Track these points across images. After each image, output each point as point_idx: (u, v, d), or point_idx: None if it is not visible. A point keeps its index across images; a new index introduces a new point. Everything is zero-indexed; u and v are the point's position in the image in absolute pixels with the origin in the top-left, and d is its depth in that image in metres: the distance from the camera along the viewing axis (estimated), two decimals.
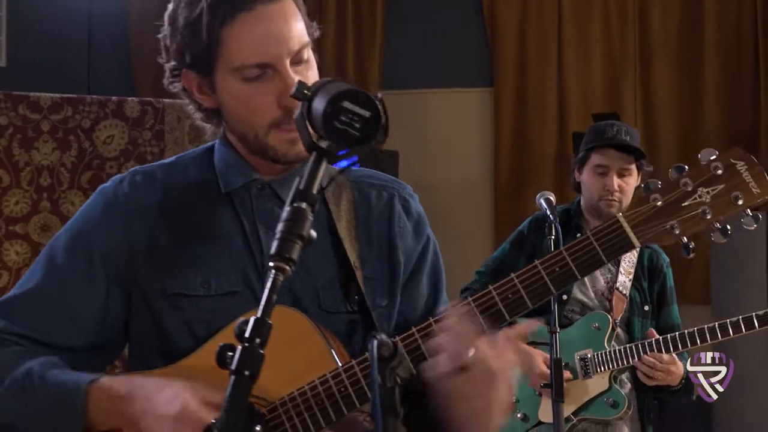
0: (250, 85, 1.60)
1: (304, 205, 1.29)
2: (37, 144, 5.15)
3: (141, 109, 5.39)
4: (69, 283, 1.68)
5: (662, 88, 6.37)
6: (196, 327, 1.65)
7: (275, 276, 1.25)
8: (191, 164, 1.78)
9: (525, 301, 1.54)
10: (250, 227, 1.70)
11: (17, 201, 5.11)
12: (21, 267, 5.09)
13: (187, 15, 1.61)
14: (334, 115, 1.30)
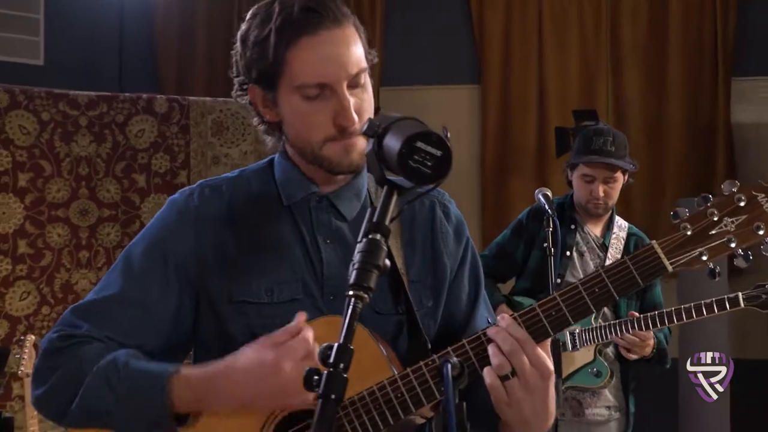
0: (309, 103, 1.58)
1: (379, 237, 1.28)
2: (75, 137, 5.21)
3: (168, 106, 5.44)
4: (146, 289, 1.64)
5: (631, 87, 6.41)
6: (258, 332, 1.59)
7: (354, 303, 1.24)
8: (253, 178, 1.75)
9: (567, 318, 1.51)
10: (310, 238, 1.67)
11: (59, 188, 5.17)
12: (62, 248, 5.15)
13: (257, 35, 1.59)
14: (409, 154, 1.29)
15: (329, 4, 1.57)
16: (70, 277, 5.19)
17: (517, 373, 1.44)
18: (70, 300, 5.15)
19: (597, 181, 3.40)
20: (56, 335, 1.62)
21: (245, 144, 5.59)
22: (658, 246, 1.52)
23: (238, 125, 5.58)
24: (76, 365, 1.57)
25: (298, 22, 1.54)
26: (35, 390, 1.62)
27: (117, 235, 5.29)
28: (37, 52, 6.54)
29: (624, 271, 1.52)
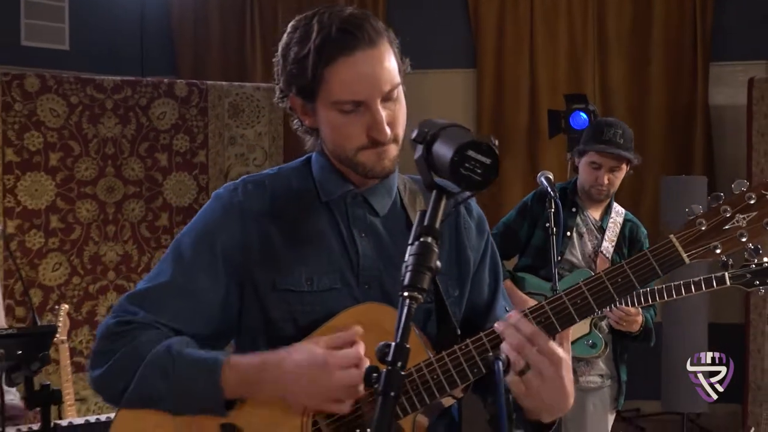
0: (345, 116, 1.56)
1: (430, 240, 1.27)
2: (102, 119, 5.23)
3: (188, 90, 5.46)
4: (196, 278, 1.62)
5: (616, 73, 6.46)
6: (299, 317, 1.60)
7: (409, 304, 1.23)
8: (293, 175, 1.72)
9: (592, 306, 1.51)
10: (347, 232, 1.65)
11: (87, 167, 5.20)
12: (91, 222, 5.19)
13: (296, 52, 1.56)
14: (461, 162, 1.26)
15: (365, 25, 1.54)
16: (98, 250, 5.23)
17: (531, 366, 1.42)
18: (98, 271, 5.21)
19: (603, 168, 3.41)
20: (114, 321, 1.60)
21: (259, 125, 5.63)
22: (675, 239, 1.53)
23: (253, 108, 5.60)
24: (132, 351, 1.56)
25: (335, 43, 1.52)
26: (93, 371, 1.60)
27: (141, 211, 5.33)
28: (63, 37, 6.55)
29: (645, 262, 1.52)
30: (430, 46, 6.63)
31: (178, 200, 5.42)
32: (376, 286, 1.64)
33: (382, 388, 1.16)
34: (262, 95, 5.64)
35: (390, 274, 1.65)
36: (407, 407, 1.53)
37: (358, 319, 1.58)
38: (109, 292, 5.25)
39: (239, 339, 1.70)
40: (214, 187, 5.42)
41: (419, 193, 1.75)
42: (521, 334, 1.44)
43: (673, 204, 5.48)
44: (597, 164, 3.43)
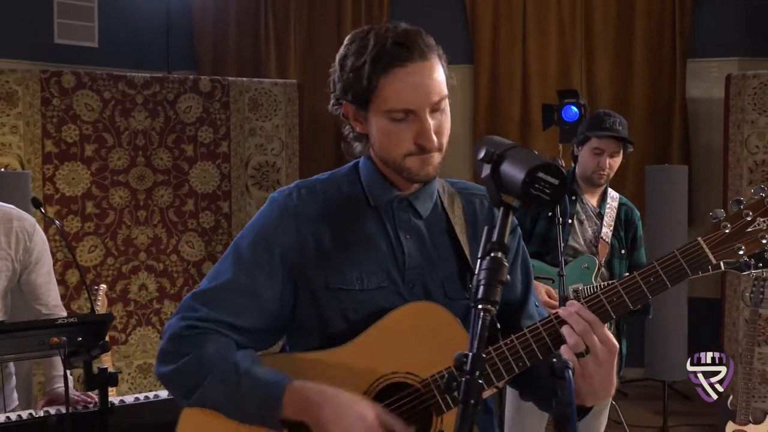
0: (395, 124, 1.55)
1: (500, 255, 1.24)
2: (133, 113, 5.19)
3: (212, 86, 5.41)
4: (255, 276, 1.61)
5: (602, 68, 6.41)
6: (349, 314, 1.60)
7: (483, 316, 1.20)
8: (342, 180, 1.70)
9: (627, 304, 1.52)
10: (393, 234, 1.65)
11: (119, 157, 5.16)
12: (123, 208, 5.15)
13: (353, 62, 1.55)
14: (531, 183, 1.24)
15: (417, 40, 1.54)
16: (130, 233, 5.20)
17: (590, 350, 1.43)
18: (130, 252, 5.18)
19: (605, 154, 3.40)
20: (183, 324, 1.59)
21: (277, 118, 5.58)
22: (703, 242, 1.53)
23: (271, 102, 5.55)
24: (199, 361, 1.56)
25: (390, 55, 1.51)
26: (161, 367, 1.60)
27: (169, 197, 5.29)
28: (92, 35, 6.47)
29: (675, 263, 1.52)
30: None
31: (203, 187, 5.38)
32: (419, 284, 1.64)
33: (462, 397, 1.14)
34: (279, 90, 5.58)
35: (431, 273, 1.65)
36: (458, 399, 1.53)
37: (408, 318, 1.57)
38: (140, 272, 5.23)
39: (292, 332, 1.69)
40: (236, 176, 5.41)
41: (456, 195, 1.74)
42: (585, 321, 1.45)
43: (656, 191, 5.47)
44: (600, 150, 3.41)
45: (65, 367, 2.26)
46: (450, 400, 1.54)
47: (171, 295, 5.30)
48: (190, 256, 5.35)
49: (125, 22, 6.50)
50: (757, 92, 5.19)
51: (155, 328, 5.27)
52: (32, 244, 2.66)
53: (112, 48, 6.45)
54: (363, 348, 1.57)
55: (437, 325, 1.57)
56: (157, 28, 6.43)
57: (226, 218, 5.44)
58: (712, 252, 1.52)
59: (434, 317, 1.57)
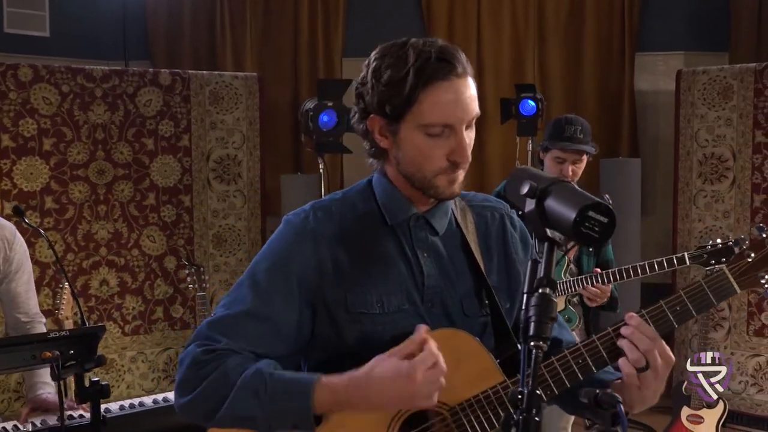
0: (431, 139, 1.52)
1: (548, 290, 1.22)
2: (92, 106, 5.06)
3: (172, 79, 5.30)
4: (273, 303, 1.57)
5: (554, 61, 6.47)
6: (369, 336, 1.58)
7: (536, 353, 1.18)
8: (357, 198, 1.67)
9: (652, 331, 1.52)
10: (411, 253, 1.62)
11: (78, 151, 5.03)
12: (83, 203, 5.03)
13: (391, 74, 1.51)
14: (582, 222, 1.22)
15: (459, 57, 1.53)
16: (90, 228, 5.07)
17: (651, 366, 1.45)
18: (91, 247, 5.05)
19: (567, 162, 3.42)
20: (200, 350, 1.55)
21: (237, 111, 5.49)
22: (728, 271, 1.55)
23: (232, 95, 5.46)
24: (222, 376, 1.52)
25: (434, 68, 1.49)
26: (180, 398, 1.56)
27: (130, 191, 5.18)
28: (43, 25, 6.26)
29: (701, 292, 1.54)
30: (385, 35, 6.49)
31: (164, 181, 5.27)
32: (438, 303, 1.62)
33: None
34: (240, 83, 5.49)
35: (450, 291, 1.63)
36: (486, 426, 1.53)
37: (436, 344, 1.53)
38: (101, 267, 5.11)
39: (312, 355, 1.65)
40: (198, 169, 5.32)
41: (468, 209, 1.72)
42: (647, 338, 1.47)
43: (610, 184, 5.56)
44: (561, 159, 3.44)
45: (57, 380, 2.21)
46: (479, 429, 1.53)
47: (132, 290, 5.20)
48: (151, 250, 5.24)
49: (77, 11, 6.30)
50: (707, 87, 5.31)
51: (117, 323, 5.16)
52: (12, 253, 2.59)
53: (64, 38, 6.25)
54: None
55: (464, 352, 1.55)
56: (111, 17, 6.24)
57: (188, 212, 5.34)
58: (737, 281, 1.55)
59: (461, 344, 1.56)
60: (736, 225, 5.18)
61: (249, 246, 5.54)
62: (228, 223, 5.47)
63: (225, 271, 5.48)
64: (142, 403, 2.59)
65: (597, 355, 1.51)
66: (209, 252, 5.43)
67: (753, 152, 5.12)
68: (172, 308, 5.33)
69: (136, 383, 5.22)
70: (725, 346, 5.25)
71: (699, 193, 5.33)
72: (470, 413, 1.53)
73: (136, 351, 5.23)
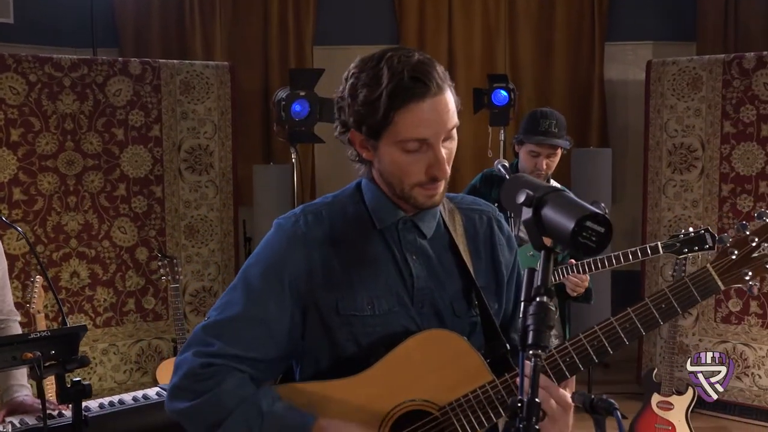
0: (408, 154, 1.53)
1: (546, 299, 1.23)
2: (60, 96, 4.99)
3: (142, 68, 5.24)
4: (266, 307, 1.59)
5: (524, 51, 6.48)
6: (360, 338, 1.60)
7: (536, 361, 1.19)
8: (347, 202, 1.68)
9: (639, 330, 1.55)
10: (400, 256, 1.63)
11: (47, 142, 4.96)
12: (53, 194, 4.96)
13: (367, 94, 1.51)
14: (579, 232, 1.22)
15: (433, 73, 1.52)
16: (60, 219, 5.00)
17: (547, 413, 1.43)
18: (61, 239, 4.99)
19: (542, 156, 3.45)
20: (198, 362, 1.57)
21: (209, 101, 5.44)
22: (711, 268, 1.57)
23: (203, 85, 5.41)
24: (217, 399, 1.54)
25: (407, 90, 1.49)
26: (173, 403, 1.58)
27: (100, 182, 5.11)
28: (7, 11, 6.12)
29: (685, 290, 1.55)
30: (356, 23, 6.53)
31: (135, 172, 5.21)
32: (429, 305, 1.64)
33: None
34: (211, 73, 5.44)
35: (440, 292, 1.65)
36: (475, 425, 1.55)
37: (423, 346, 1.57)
38: (72, 259, 5.05)
39: (303, 356, 1.67)
40: (169, 159, 5.27)
41: (456, 211, 1.74)
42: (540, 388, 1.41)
43: (582, 174, 5.61)
44: (536, 152, 3.47)
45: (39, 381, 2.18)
46: (469, 428, 1.55)
47: (104, 281, 5.14)
48: (122, 241, 5.19)
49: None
50: (676, 78, 5.36)
51: (88, 315, 5.11)
52: None
53: (29, 24, 6.11)
54: (379, 376, 1.57)
55: (453, 353, 1.57)
56: (77, 3, 6.09)
57: (159, 203, 5.29)
58: (721, 278, 1.56)
59: (450, 345, 1.58)
60: (705, 214, 5.26)
61: (221, 236, 5.51)
62: (200, 213, 5.43)
63: (197, 262, 5.44)
64: (122, 401, 2.55)
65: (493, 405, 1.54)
66: (181, 243, 5.38)
67: (721, 142, 5.19)
68: (144, 300, 5.29)
69: (108, 375, 5.18)
70: (693, 332, 5.33)
71: (668, 182, 5.40)
72: (459, 413, 1.55)
73: (108, 343, 5.18)
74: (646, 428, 4.38)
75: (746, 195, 5.11)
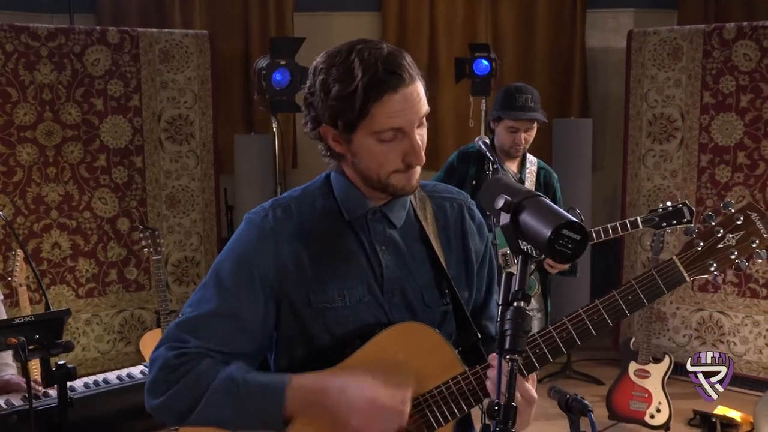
0: (384, 144, 1.56)
1: (523, 304, 1.25)
2: (38, 66, 4.93)
3: (120, 37, 5.18)
4: (238, 302, 1.61)
5: (506, 20, 6.42)
6: (333, 328, 1.62)
7: (512, 365, 1.21)
8: (317, 195, 1.70)
9: (607, 321, 1.57)
10: (370, 247, 1.66)
11: (25, 112, 4.91)
12: (32, 165, 4.92)
13: (340, 89, 1.52)
14: (556, 240, 1.24)
15: (404, 64, 1.54)
16: (40, 191, 4.98)
17: None
18: (41, 210, 4.96)
19: (520, 131, 3.46)
20: (172, 354, 1.58)
21: (189, 70, 5.39)
22: (677, 260, 1.59)
23: (183, 54, 5.35)
24: (194, 379, 1.56)
25: (382, 82, 1.51)
26: (152, 400, 1.60)
27: (80, 153, 5.07)
28: None
29: (652, 281, 1.58)
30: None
31: (115, 142, 5.18)
32: (399, 294, 1.67)
33: None
34: (191, 41, 5.38)
35: (410, 282, 1.68)
36: (447, 415, 1.60)
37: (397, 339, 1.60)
38: (53, 230, 5.02)
39: (277, 347, 1.70)
40: (149, 129, 5.23)
41: (427, 199, 1.76)
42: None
43: (563, 145, 5.62)
44: (514, 128, 3.49)
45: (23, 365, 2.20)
46: (441, 419, 1.59)
47: (85, 252, 5.13)
48: (103, 212, 5.16)
49: None
50: (657, 48, 5.36)
51: (70, 286, 5.10)
52: None
53: None
54: (354, 368, 1.58)
55: (426, 345, 1.61)
56: None
57: (140, 173, 5.26)
58: (686, 270, 1.59)
59: (423, 337, 1.61)
60: (683, 184, 5.30)
61: (203, 206, 5.49)
62: (181, 183, 5.41)
63: (179, 232, 5.43)
64: (107, 380, 2.57)
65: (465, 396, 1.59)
66: (162, 213, 5.37)
67: (701, 113, 5.21)
68: (126, 270, 5.28)
69: (91, 345, 5.19)
70: (671, 301, 5.41)
71: (648, 152, 5.43)
72: (432, 404, 1.59)
73: (91, 314, 5.18)
74: (623, 396, 4.45)
75: (724, 165, 5.15)
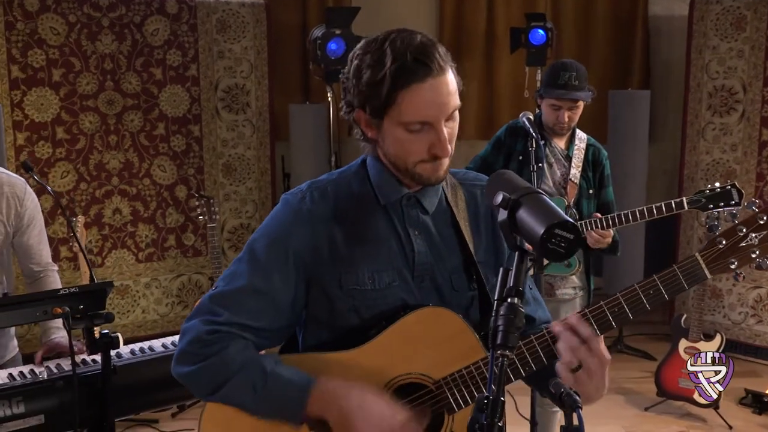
0: (411, 134, 1.57)
1: (517, 300, 1.26)
2: (99, 36, 5.05)
3: (179, 7, 5.27)
4: (271, 279, 1.64)
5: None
6: (362, 310, 1.65)
7: (502, 361, 1.22)
8: (352, 179, 1.72)
9: (627, 314, 1.56)
10: (403, 231, 1.68)
11: (88, 82, 5.05)
12: (94, 133, 5.07)
13: (370, 76, 1.55)
14: (549, 239, 1.25)
15: (435, 55, 1.53)
16: (102, 158, 5.13)
17: (583, 365, 1.46)
18: (103, 177, 5.12)
19: (563, 109, 3.41)
20: (204, 329, 1.62)
21: (245, 40, 5.46)
22: (700, 257, 1.58)
23: (239, 23, 5.42)
24: (221, 362, 1.60)
25: (410, 71, 1.52)
26: (181, 367, 1.64)
27: (140, 121, 5.21)
28: None
29: (674, 277, 1.57)
30: None
31: (173, 111, 5.30)
32: (429, 279, 1.69)
33: None
34: (247, 11, 5.44)
35: (440, 267, 1.69)
36: (468, 398, 1.62)
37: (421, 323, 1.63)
38: (114, 196, 5.19)
39: (305, 326, 1.73)
40: (206, 99, 5.34)
41: (459, 186, 1.77)
42: (578, 338, 1.48)
43: (619, 117, 5.52)
44: (557, 106, 3.43)
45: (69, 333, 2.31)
46: (461, 401, 1.61)
47: (145, 218, 5.29)
48: (162, 179, 5.31)
49: None
50: (720, 18, 5.21)
51: (130, 250, 5.28)
52: (23, 209, 2.65)
53: None
54: (379, 349, 1.62)
55: (450, 331, 1.63)
56: None
57: (197, 142, 5.38)
58: (708, 267, 1.58)
59: (447, 323, 1.63)
60: (743, 158, 5.17)
61: (258, 175, 5.60)
62: (237, 152, 5.52)
63: (235, 200, 5.55)
64: (152, 348, 2.66)
65: (535, 355, 1.58)
66: (219, 181, 5.49)
67: (764, 85, 5.06)
68: (183, 236, 5.44)
69: (150, 308, 5.37)
70: (728, 277, 5.31)
71: (708, 125, 5.30)
72: (453, 387, 1.61)
73: (150, 277, 5.36)
74: (673, 373, 4.42)
75: None
